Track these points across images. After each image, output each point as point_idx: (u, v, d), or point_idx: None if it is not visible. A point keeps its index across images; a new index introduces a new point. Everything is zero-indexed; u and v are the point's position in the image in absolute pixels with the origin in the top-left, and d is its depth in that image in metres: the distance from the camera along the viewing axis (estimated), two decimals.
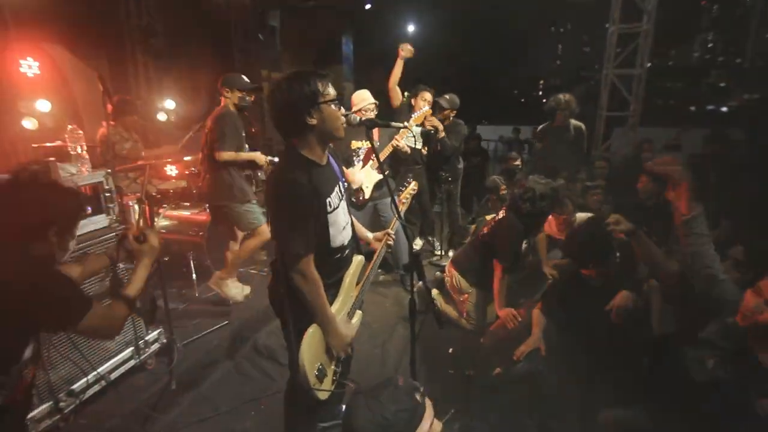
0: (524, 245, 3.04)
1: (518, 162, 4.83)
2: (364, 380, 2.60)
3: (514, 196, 2.97)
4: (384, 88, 4.11)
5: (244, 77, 3.20)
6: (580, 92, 8.54)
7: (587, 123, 4.67)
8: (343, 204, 1.76)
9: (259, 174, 3.42)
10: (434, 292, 3.37)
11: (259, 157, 3.28)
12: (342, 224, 1.73)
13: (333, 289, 1.79)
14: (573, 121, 4.20)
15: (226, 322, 3.12)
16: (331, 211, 1.66)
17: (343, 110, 1.61)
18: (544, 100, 4.63)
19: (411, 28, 10.83)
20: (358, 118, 1.67)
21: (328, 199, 1.64)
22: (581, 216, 3.10)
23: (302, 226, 1.55)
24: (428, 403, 1.15)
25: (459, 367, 2.79)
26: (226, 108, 3.16)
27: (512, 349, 2.44)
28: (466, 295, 3.17)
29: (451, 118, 4.21)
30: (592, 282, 2.32)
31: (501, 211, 3.05)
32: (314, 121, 1.55)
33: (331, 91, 1.57)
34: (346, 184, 1.84)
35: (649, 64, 5.21)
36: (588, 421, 2.02)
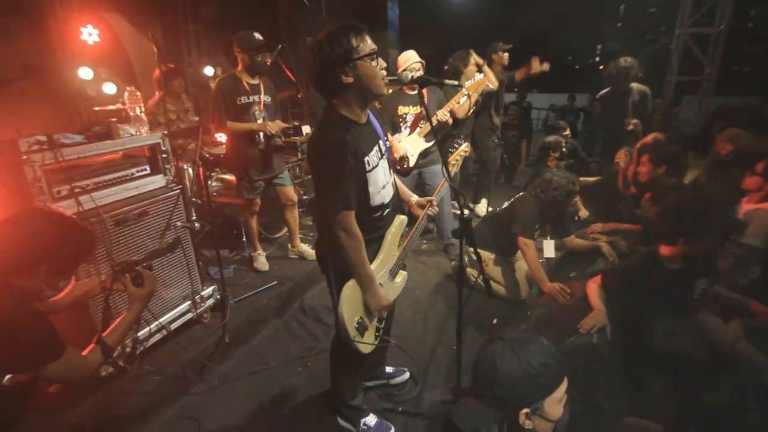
0: (537, 229, 3.05)
1: (567, 132, 4.56)
2: (405, 345, 2.63)
3: (534, 182, 3.08)
4: (430, 54, 3.97)
5: (256, 34, 2.98)
6: (645, 57, 7.88)
7: (652, 92, 4.30)
8: (384, 163, 1.72)
9: (276, 140, 3.15)
10: (469, 270, 3.34)
11: (262, 126, 3.05)
12: (381, 183, 1.71)
13: (374, 245, 1.80)
14: (636, 85, 3.89)
15: (276, 282, 3.23)
16: (370, 170, 1.64)
17: (382, 63, 1.55)
18: (601, 67, 4.36)
19: None
20: (410, 74, 1.61)
21: (367, 158, 1.61)
22: None
23: (340, 183, 1.56)
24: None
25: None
26: (225, 76, 3.08)
27: (563, 322, 2.36)
28: (487, 261, 3.20)
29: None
30: (667, 264, 2.11)
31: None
32: (350, 79, 1.51)
33: (368, 45, 1.50)
34: (388, 143, 1.80)
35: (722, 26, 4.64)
36: (637, 403, 1.93)
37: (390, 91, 3.61)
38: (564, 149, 3.91)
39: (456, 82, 1.78)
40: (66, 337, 1.36)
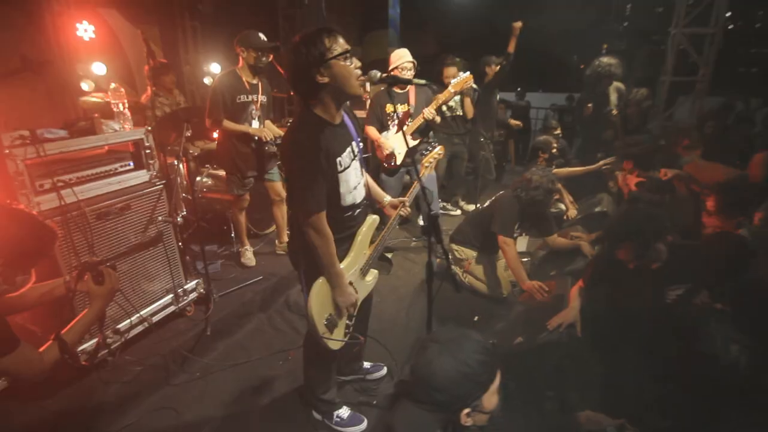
0: (516, 228, 3.06)
1: (558, 131, 4.57)
2: (387, 341, 2.67)
3: (515, 181, 3.11)
4: (431, 53, 4.03)
5: (260, 35, 3.02)
6: (643, 56, 7.86)
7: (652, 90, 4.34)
8: (356, 164, 1.76)
9: (270, 147, 3.22)
10: (453, 268, 3.37)
11: (259, 131, 3.13)
12: (353, 184, 1.75)
13: (344, 244, 1.84)
14: (615, 84, 3.91)
15: (261, 277, 3.27)
16: (342, 171, 1.67)
17: (357, 62, 1.58)
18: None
19: None
20: (378, 74, 1.63)
21: (339, 159, 1.65)
22: None
23: (312, 183, 1.59)
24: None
25: (484, 335, 2.79)
26: (225, 73, 3.08)
27: (539, 320, 2.39)
28: (470, 260, 3.24)
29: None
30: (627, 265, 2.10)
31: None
32: (325, 79, 1.54)
33: (340, 45, 1.54)
34: (361, 144, 1.84)
35: (731, 26, 4.62)
36: (609, 398, 1.96)
37: (382, 88, 3.64)
38: (554, 150, 3.91)
39: (423, 81, 1.80)
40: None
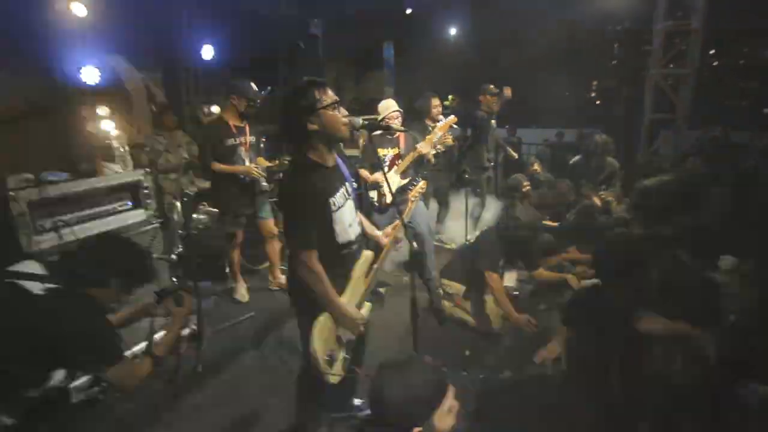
0: (501, 263, 3.11)
1: (537, 167, 4.70)
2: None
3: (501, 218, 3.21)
4: (423, 92, 4.19)
5: (252, 85, 3.20)
6: (628, 94, 8.15)
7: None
8: (350, 203, 1.86)
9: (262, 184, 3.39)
10: (444, 302, 3.42)
11: (247, 169, 3.26)
12: (348, 222, 1.84)
13: (343, 279, 1.90)
14: (609, 159, 4.11)
15: (253, 313, 3.30)
16: (336, 210, 1.77)
17: (344, 111, 1.72)
18: (597, 102, 4.58)
19: (453, 32, 10.79)
20: (360, 120, 1.77)
21: (332, 199, 1.75)
22: None
23: (303, 224, 1.70)
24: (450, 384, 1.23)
25: (473, 369, 2.80)
26: (211, 120, 3.27)
27: (527, 353, 2.42)
28: (459, 294, 3.29)
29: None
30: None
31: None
32: (315, 127, 1.68)
33: (330, 97, 1.69)
34: (354, 185, 1.95)
35: (716, 63, 4.90)
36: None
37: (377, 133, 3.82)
38: (525, 189, 4.01)
39: (402, 128, 1.94)
40: None
